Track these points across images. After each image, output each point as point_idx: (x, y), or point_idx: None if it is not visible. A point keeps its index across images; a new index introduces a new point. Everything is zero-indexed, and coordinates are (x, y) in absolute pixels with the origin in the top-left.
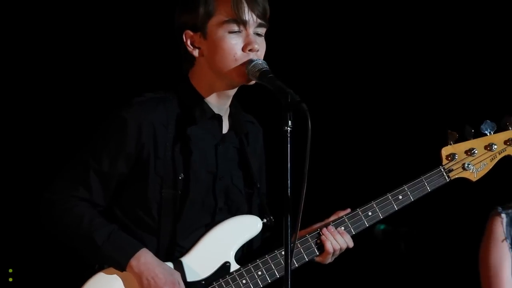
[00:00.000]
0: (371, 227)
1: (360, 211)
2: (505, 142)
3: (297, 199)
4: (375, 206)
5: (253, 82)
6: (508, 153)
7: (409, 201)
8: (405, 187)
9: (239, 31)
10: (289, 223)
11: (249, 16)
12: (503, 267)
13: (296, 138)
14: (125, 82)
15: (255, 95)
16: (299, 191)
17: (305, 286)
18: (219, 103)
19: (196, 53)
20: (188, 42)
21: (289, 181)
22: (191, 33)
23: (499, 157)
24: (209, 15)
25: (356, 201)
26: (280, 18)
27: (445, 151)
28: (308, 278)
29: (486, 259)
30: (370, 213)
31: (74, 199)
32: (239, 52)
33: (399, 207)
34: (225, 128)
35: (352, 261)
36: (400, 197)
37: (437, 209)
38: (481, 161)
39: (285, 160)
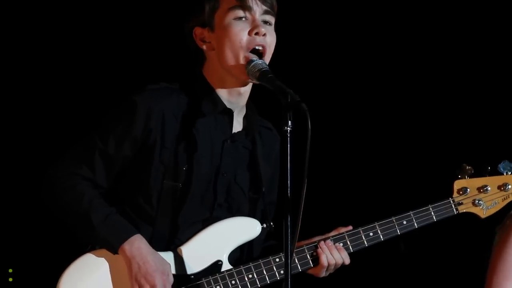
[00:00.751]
0: (371, 247)
1: (362, 230)
2: None
3: (297, 199)
4: (377, 227)
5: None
6: None
7: (412, 228)
8: (411, 213)
9: (245, 18)
10: (289, 223)
11: (253, 2)
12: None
13: (296, 138)
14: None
15: (255, 95)
16: (299, 191)
17: (305, 286)
18: (231, 99)
19: (205, 47)
20: (198, 38)
21: (289, 181)
22: (200, 29)
23: (511, 198)
24: (214, 9)
25: (356, 200)
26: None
27: (458, 184)
28: (308, 278)
29: (496, 266)
30: (371, 234)
31: (77, 177)
32: (245, 37)
33: (402, 232)
34: (238, 127)
35: (352, 261)
36: (405, 222)
37: None
38: (492, 199)
39: (285, 160)
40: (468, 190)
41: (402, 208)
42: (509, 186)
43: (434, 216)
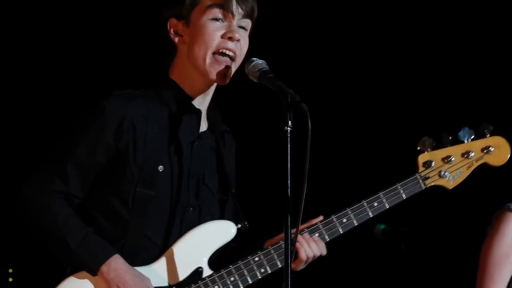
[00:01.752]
0: (347, 233)
1: (335, 217)
2: (482, 150)
3: (297, 199)
4: (350, 213)
5: (226, 82)
6: (485, 161)
7: (384, 209)
8: (380, 194)
9: (222, 20)
10: (289, 224)
11: (234, 6)
12: (502, 266)
13: (296, 138)
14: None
15: (255, 95)
16: (299, 191)
17: (305, 286)
18: (198, 98)
19: (177, 40)
20: (172, 30)
21: (289, 181)
22: (175, 21)
23: (476, 164)
24: (194, 4)
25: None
26: (280, 18)
27: (422, 158)
28: (308, 278)
29: (487, 255)
30: (345, 220)
31: (51, 194)
32: (217, 39)
33: (374, 214)
34: (204, 127)
35: (352, 261)
36: (375, 204)
37: (437, 209)
38: (457, 169)
39: (285, 160)
40: (433, 162)
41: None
42: (472, 154)
43: (403, 194)
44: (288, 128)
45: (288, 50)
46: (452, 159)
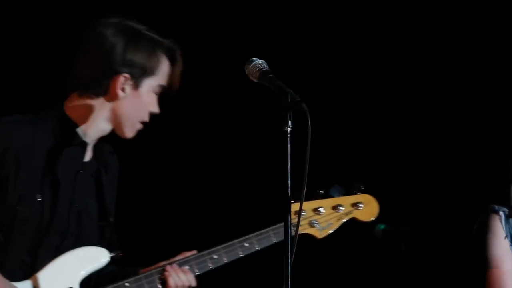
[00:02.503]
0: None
1: (206, 253)
2: (352, 205)
3: (297, 199)
4: (221, 250)
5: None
6: (354, 216)
7: (255, 250)
8: (251, 236)
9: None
10: (289, 224)
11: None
12: (504, 261)
13: (296, 138)
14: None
15: (255, 95)
16: (299, 191)
17: (305, 286)
18: (90, 134)
19: (120, 94)
20: (119, 83)
21: (289, 181)
22: (128, 77)
23: (345, 218)
24: (152, 73)
25: None
26: (281, 18)
27: (294, 207)
28: (308, 278)
29: (489, 253)
30: (215, 256)
31: None
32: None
33: (245, 254)
34: (88, 156)
35: (352, 261)
36: (246, 244)
37: (437, 209)
38: (327, 220)
39: (285, 160)
40: (304, 212)
41: None
42: (342, 208)
43: (273, 238)
44: (288, 128)
45: (288, 50)
46: (323, 211)
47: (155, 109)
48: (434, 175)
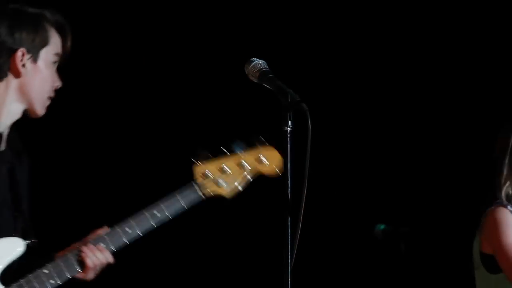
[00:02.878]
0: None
1: (119, 228)
2: (256, 160)
3: (297, 200)
4: (132, 223)
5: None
6: (259, 170)
7: (165, 218)
8: (159, 203)
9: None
10: (289, 225)
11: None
12: None
13: (296, 138)
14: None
15: (255, 95)
16: (300, 192)
17: (305, 286)
18: (3, 121)
19: (22, 71)
20: (18, 60)
21: (289, 182)
22: (24, 51)
23: (251, 174)
24: (44, 43)
25: (357, 201)
26: (281, 18)
27: (199, 168)
28: (308, 278)
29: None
30: (128, 230)
31: None
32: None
33: (157, 223)
34: (3, 146)
35: (352, 261)
36: (156, 213)
37: (437, 209)
38: (234, 179)
39: (285, 161)
40: (210, 173)
41: None
42: (246, 164)
43: (182, 203)
44: (288, 128)
45: (288, 50)
46: (228, 170)
47: (57, 82)
48: (434, 175)
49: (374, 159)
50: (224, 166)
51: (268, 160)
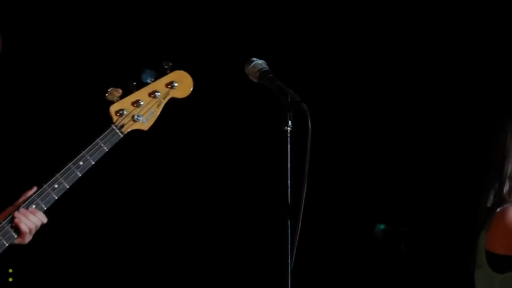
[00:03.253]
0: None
1: (47, 186)
2: (167, 86)
3: (297, 200)
4: (59, 177)
5: None
6: (172, 96)
7: (90, 165)
8: (83, 152)
9: None
10: (289, 225)
11: None
12: None
13: (296, 138)
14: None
15: (255, 95)
16: (299, 192)
17: (305, 286)
18: None
19: None
20: None
21: (289, 182)
22: None
23: (164, 101)
24: None
25: (357, 201)
26: (281, 18)
27: (113, 108)
28: (308, 278)
29: None
30: (56, 186)
31: None
32: None
33: (82, 172)
34: None
35: (352, 261)
36: (81, 163)
37: (437, 209)
38: (149, 110)
39: (285, 161)
40: (125, 110)
41: None
42: (158, 93)
43: (104, 147)
44: (288, 128)
45: (288, 50)
46: (141, 102)
47: None
48: (434, 175)
49: (374, 159)
50: (137, 100)
51: (179, 83)
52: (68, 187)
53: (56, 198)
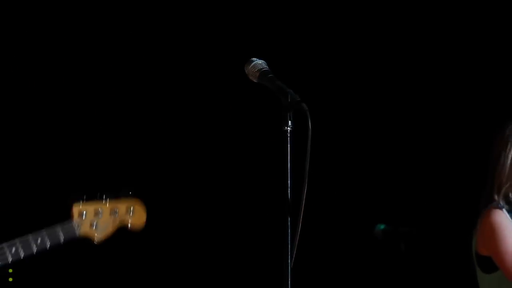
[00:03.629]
0: None
1: (6, 246)
2: (126, 211)
3: (297, 200)
4: (18, 244)
5: None
6: (128, 221)
7: (45, 247)
8: (44, 231)
9: None
10: (289, 225)
11: None
12: None
13: (296, 138)
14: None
15: (255, 95)
16: (300, 192)
17: (305, 286)
18: None
19: None
20: None
21: (289, 182)
22: None
23: (120, 224)
24: None
25: (357, 201)
26: (281, 18)
27: (76, 208)
28: (308, 278)
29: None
30: (13, 249)
31: None
32: None
33: (38, 250)
34: None
35: (352, 261)
36: (39, 242)
37: (437, 209)
38: (104, 223)
39: (285, 161)
40: (86, 213)
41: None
42: (117, 212)
43: (61, 237)
44: (288, 128)
45: (288, 50)
46: (101, 213)
47: None
48: (434, 175)
49: (374, 159)
50: (99, 209)
51: (135, 213)
52: (22, 257)
53: (9, 261)
